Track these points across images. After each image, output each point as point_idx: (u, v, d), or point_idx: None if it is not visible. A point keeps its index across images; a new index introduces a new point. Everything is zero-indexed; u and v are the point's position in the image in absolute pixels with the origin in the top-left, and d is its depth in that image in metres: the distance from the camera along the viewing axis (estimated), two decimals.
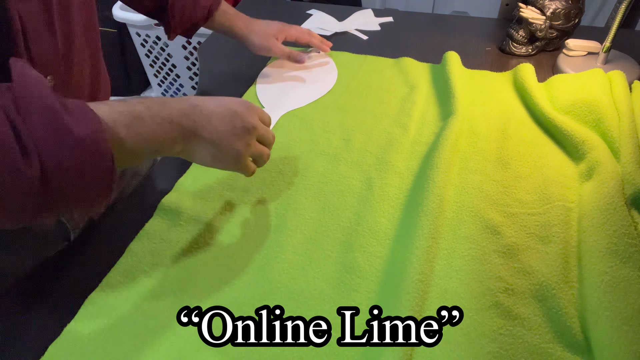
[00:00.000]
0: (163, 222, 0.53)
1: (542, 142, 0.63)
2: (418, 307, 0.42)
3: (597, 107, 0.62)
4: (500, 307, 0.43)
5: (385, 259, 0.48)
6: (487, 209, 0.53)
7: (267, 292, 0.46)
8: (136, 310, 0.44)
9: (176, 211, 0.54)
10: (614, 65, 0.74)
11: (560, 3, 0.77)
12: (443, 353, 0.40)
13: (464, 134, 0.64)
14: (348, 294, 0.45)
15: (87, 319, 0.43)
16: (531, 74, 0.72)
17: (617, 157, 0.57)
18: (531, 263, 0.47)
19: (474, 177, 0.58)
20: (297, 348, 0.41)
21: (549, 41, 0.81)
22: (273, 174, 0.59)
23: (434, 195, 0.52)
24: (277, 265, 0.48)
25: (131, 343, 0.42)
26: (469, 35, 0.91)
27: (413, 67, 0.80)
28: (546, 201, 0.53)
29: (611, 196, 0.50)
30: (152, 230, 0.52)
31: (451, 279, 0.46)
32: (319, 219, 0.53)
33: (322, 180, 0.58)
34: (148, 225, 0.53)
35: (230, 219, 0.54)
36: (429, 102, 0.72)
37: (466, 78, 0.75)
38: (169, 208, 0.54)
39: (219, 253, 0.50)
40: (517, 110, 0.69)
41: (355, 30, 0.95)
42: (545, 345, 0.40)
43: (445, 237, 0.50)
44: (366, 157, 0.61)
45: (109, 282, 0.47)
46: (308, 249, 0.50)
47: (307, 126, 0.68)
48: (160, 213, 0.54)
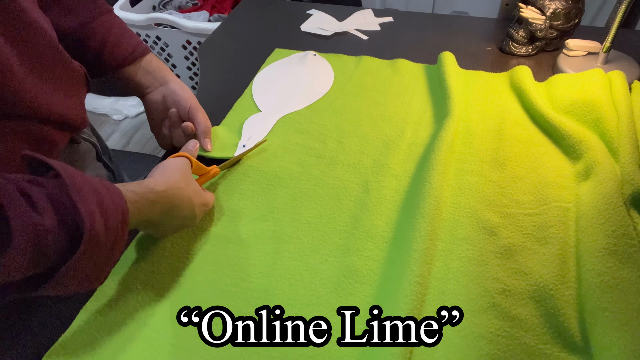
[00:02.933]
0: None
1: (539, 142, 0.63)
2: (416, 310, 0.42)
3: (597, 107, 0.62)
4: (498, 308, 0.43)
5: (382, 262, 0.48)
6: (484, 209, 0.53)
7: (265, 298, 0.46)
8: (132, 320, 0.44)
9: None
10: (614, 65, 0.74)
11: (560, 3, 0.77)
12: (441, 355, 0.40)
13: (459, 134, 0.64)
14: (346, 298, 0.45)
15: (80, 330, 0.43)
16: (528, 75, 0.72)
17: (616, 157, 0.57)
18: (528, 264, 0.47)
19: (470, 178, 0.58)
20: (297, 348, 0.41)
21: (549, 41, 0.81)
22: (269, 178, 0.59)
23: (430, 197, 0.52)
24: (274, 271, 0.48)
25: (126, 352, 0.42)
26: (469, 35, 0.91)
27: (408, 68, 0.80)
28: (543, 202, 0.54)
29: (610, 196, 0.50)
30: (147, 237, 0.52)
31: (449, 281, 0.46)
32: (315, 222, 0.53)
33: (319, 184, 0.58)
34: (142, 233, 0.52)
35: (226, 225, 0.53)
36: (424, 103, 0.72)
37: (462, 78, 0.75)
38: None
39: (215, 260, 0.50)
40: (513, 110, 0.69)
41: (355, 30, 0.95)
42: (543, 346, 0.41)
43: (443, 238, 0.50)
44: (362, 160, 0.61)
45: (104, 291, 0.46)
46: (305, 254, 0.50)
47: (303, 129, 0.67)
48: None
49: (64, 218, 0.33)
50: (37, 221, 0.31)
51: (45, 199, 0.33)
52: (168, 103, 0.63)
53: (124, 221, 0.37)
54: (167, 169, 0.48)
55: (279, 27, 0.98)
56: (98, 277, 0.37)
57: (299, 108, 0.72)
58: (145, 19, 1.48)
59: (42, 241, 0.32)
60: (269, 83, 0.79)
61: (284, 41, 0.92)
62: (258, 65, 0.84)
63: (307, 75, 0.80)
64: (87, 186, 0.35)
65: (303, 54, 0.85)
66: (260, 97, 0.75)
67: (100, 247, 0.35)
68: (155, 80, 0.63)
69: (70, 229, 0.33)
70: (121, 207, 0.37)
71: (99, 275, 0.37)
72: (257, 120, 0.69)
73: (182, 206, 0.47)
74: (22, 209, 0.31)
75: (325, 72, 0.81)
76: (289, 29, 0.97)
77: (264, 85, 0.78)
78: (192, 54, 1.55)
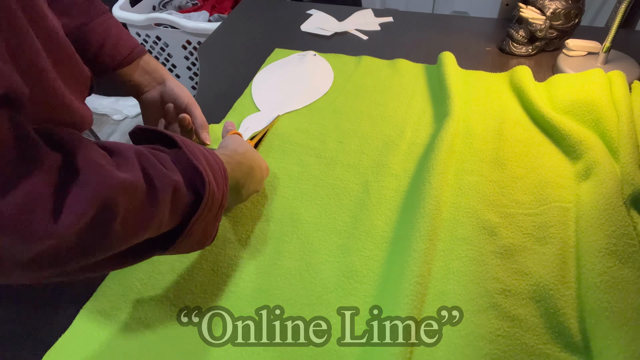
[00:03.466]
0: None
1: (539, 142, 0.63)
2: (416, 310, 0.42)
3: (597, 107, 0.62)
4: (498, 308, 0.43)
5: (382, 262, 0.48)
6: (484, 209, 0.53)
7: (265, 299, 0.46)
8: (132, 320, 0.44)
9: None
10: (614, 65, 0.74)
11: (560, 3, 0.77)
12: (441, 355, 0.40)
13: (459, 135, 0.64)
14: (346, 299, 0.45)
15: (80, 330, 0.43)
16: (528, 75, 0.72)
17: (616, 157, 0.57)
18: (528, 264, 0.47)
19: (470, 178, 0.58)
20: (297, 348, 0.41)
21: (549, 41, 0.81)
22: (269, 178, 0.59)
23: (430, 197, 0.52)
24: (274, 271, 0.48)
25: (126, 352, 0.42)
26: (469, 35, 0.91)
27: (408, 68, 0.80)
28: (543, 202, 0.54)
29: (610, 196, 0.50)
30: None
31: (449, 281, 0.46)
32: (315, 223, 0.53)
33: (319, 184, 0.58)
34: None
35: (226, 225, 0.53)
36: (424, 103, 0.72)
37: (462, 78, 0.75)
38: None
39: (215, 260, 0.50)
40: (513, 110, 0.69)
41: (355, 30, 0.95)
42: (543, 346, 0.41)
43: (443, 238, 0.50)
44: (362, 160, 0.62)
45: (104, 291, 0.46)
46: (305, 254, 0.50)
47: (303, 129, 0.67)
48: None
49: (187, 177, 0.37)
50: (172, 177, 0.35)
51: (171, 162, 0.37)
52: (165, 100, 0.63)
53: (226, 178, 0.42)
54: (234, 140, 0.54)
55: (279, 27, 0.98)
56: (212, 234, 0.42)
57: (299, 107, 0.72)
58: (145, 19, 1.48)
59: (176, 195, 0.35)
60: (269, 83, 0.79)
61: (284, 41, 0.92)
62: (258, 65, 0.84)
63: (307, 75, 0.80)
64: (197, 150, 0.39)
65: (303, 54, 0.85)
66: (260, 97, 0.75)
67: (215, 203, 0.39)
68: (153, 80, 0.64)
69: (193, 186, 0.37)
70: (222, 166, 0.42)
71: (212, 232, 0.42)
72: (255, 118, 0.70)
73: (259, 168, 0.53)
74: (158, 169, 0.34)
75: (325, 72, 0.81)
76: (289, 29, 0.97)
77: (264, 85, 0.78)
78: (192, 54, 1.55)
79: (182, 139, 0.39)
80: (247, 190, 0.51)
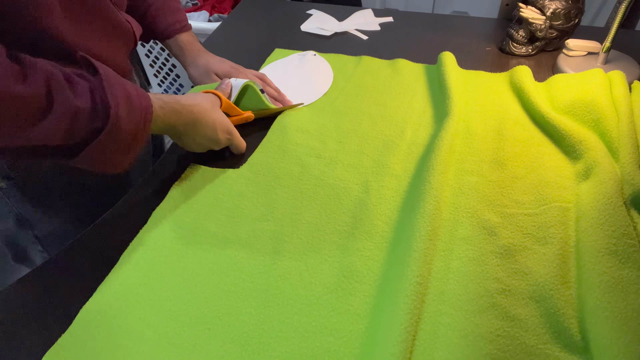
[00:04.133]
0: (157, 230, 0.53)
1: (539, 142, 0.63)
2: (416, 310, 0.42)
3: (597, 107, 0.62)
4: (498, 308, 0.43)
5: (382, 262, 0.48)
6: (484, 209, 0.53)
7: (265, 298, 0.46)
8: (131, 319, 0.44)
9: (170, 219, 0.54)
10: (614, 65, 0.74)
11: (560, 3, 0.77)
12: (441, 355, 0.40)
13: (459, 134, 0.64)
14: (346, 299, 0.45)
15: (80, 330, 0.43)
16: (528, 75, 0.72)
17: (616, 158, 0.57)
18: (528, 264, 0.47)
19: (470, 178, 0.58)
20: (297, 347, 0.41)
21: (549, 41, 0.81)
22: (269, 179, 0.59)
23: (430, 197, 0.52)
24: (274, 271, 0.48)
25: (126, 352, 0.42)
26: (469, 35, 0.91)
27: (408, 68, 0.80)
28: (543, 201, 0.54)
29: (610, 196, 0.50)
30: (146, 238, 0.51)
31: (449, 281, 0.46)
32: (315, 223, 0.53)
33: (318, 184, 0.58)
34: (142, 233, 0.52)
35: (226, 225, 0.53)
36: (424, 103, 0.72)
37: (462, 78, 0.75)
38: (162, 216, 0.54)
39: (215, 260, 0.49)
40: (513, 110, 0.69)
41: (355, 30, 0.95)
42: (543, 346, 0.41)
43: (443, 238, 0.50)
44: (362, 160, 0.61)
45: (104, 291, 0.46)
46: (305, 254, 0.50)
47: (303, 129, 0.67)
48: (153, 221, 0.54)
49: (97, 104, 0.41)
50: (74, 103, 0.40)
51: (86, 88, 0.41)
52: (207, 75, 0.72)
53: (147, 119, 0.45)
54: (197, 95, 0.57)
55: (279, 27, 0.98)
56: (121, 163, 0.46)
57: (299, 107, 0.72)
58: None
59: (76, 118, 0.40)
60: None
61: (284, 41, 0.92)
62: (258, 65, 0.84)
63: (307, 75, 0.80)
64: (119, 85, 0.43)
65: (303, 54, 0.85)
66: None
67: (122, 133, 0.42)
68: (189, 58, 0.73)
69: (101, 115, 0.41)
70: (146, 107, 0.45)
71: (123, 161, 0.45)
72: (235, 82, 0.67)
73: (206, 125, 0.55)
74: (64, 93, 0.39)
75: (325, 72, 0.81)
76: (289, 29, 0.97)
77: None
78: None
79: (105, 70, 0.43)
80: (193, 140, 0.55)
